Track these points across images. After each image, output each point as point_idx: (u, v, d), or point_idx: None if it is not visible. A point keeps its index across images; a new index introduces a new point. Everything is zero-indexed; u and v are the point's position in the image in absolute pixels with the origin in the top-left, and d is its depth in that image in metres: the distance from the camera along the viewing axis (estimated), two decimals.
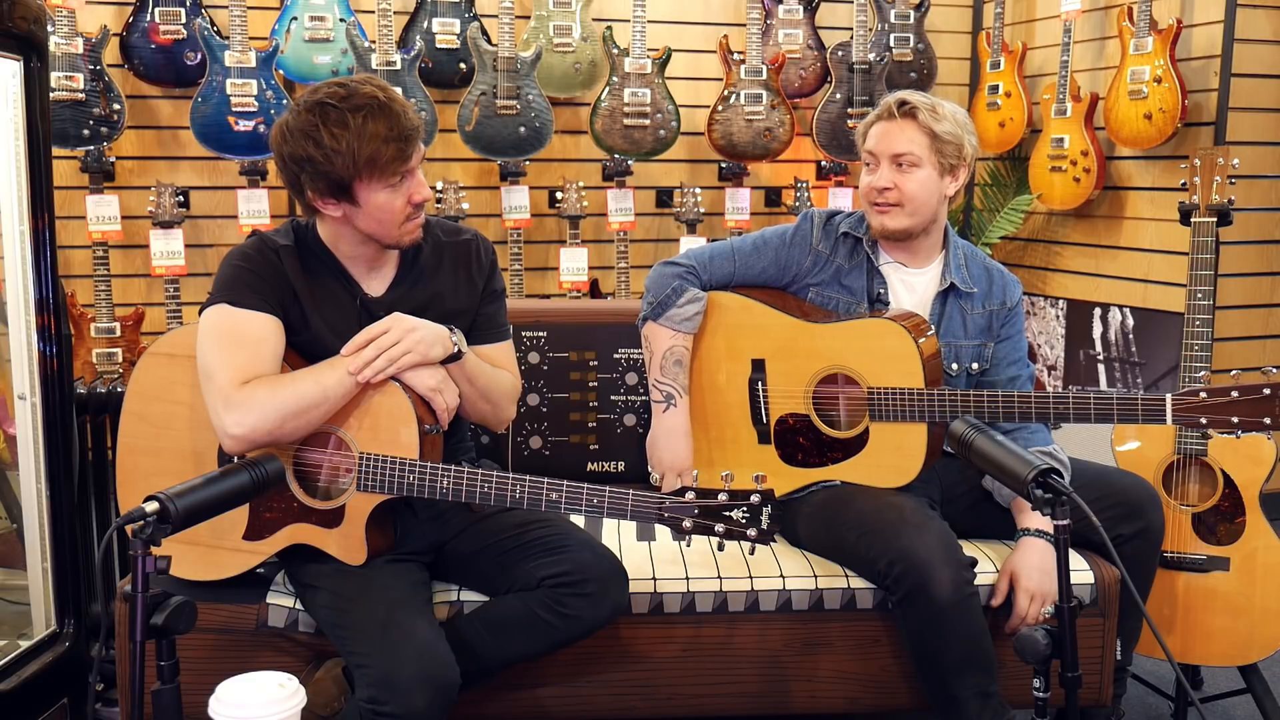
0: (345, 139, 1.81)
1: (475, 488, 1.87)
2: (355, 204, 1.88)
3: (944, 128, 2.23)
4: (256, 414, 1.82)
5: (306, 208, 1.94)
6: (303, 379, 1.86)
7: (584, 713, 2.13)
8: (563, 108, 4.32)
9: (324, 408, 1.86)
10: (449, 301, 2.05)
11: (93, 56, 3.76)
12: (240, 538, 1.96)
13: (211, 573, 2.00)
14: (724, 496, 1.79)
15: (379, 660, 1.78)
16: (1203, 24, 3.79)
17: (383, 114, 1.83)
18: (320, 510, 1.93)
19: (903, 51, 4.48)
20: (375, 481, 1.89)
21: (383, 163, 1.83)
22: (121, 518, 1.47)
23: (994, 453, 1.70)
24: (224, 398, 1.84)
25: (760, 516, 1.78)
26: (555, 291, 4.36)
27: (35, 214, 2.17)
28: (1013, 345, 2.36)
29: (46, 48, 2.17)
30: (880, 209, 2.27)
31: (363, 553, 1.92)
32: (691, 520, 1.80)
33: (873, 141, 2.28)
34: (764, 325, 2.31)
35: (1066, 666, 1.60)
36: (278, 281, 1.94)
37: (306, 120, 1.83)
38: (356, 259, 2.00)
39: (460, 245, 2.09)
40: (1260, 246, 3.89)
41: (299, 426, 1.86)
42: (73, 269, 3.99)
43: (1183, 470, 2.49)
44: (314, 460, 1.94)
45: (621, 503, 1.84)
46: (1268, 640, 2.44)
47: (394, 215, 1.90)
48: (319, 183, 1.86)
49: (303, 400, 1.84)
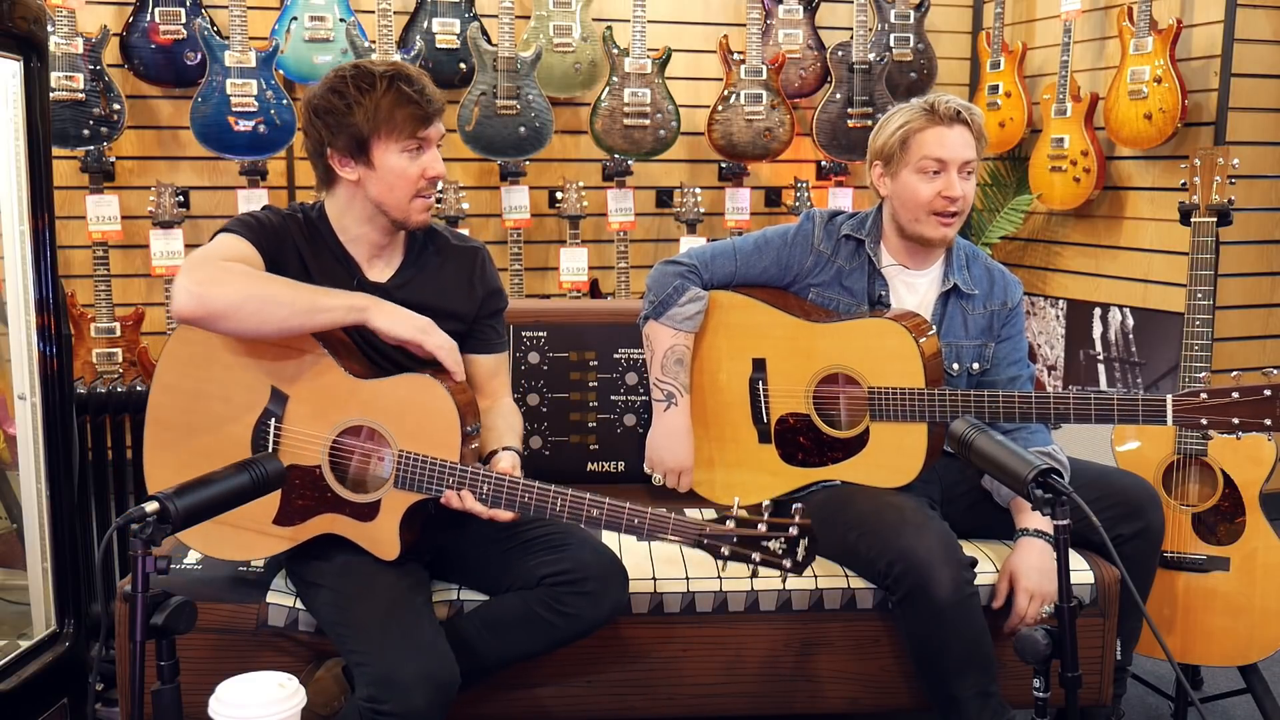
0: (369, 94, 1.89)
1: (516, 497, 1.87)
2: (370, 165, 1.91)
3: (982, 131, 2.25)
4: (225, 280, 1.82)
5: (323, 176, 1.98)
6: (277, 277, 1.89)
7: (584, 713, 2.13)
8: (563, 108, 4.32)
9: (286, 311, 1.83)
10: (446, 302, 2.05)
11: (93, 56, 3.76)
12: (270, 521, 1.95)
13: (239, 553, 2.01)
14: (763, 527, 1.80)
15: (379, 659, 1.78)
16: (1203, 24, 3.79)
17: (406, 80, 1.91)
18: (355, 503, 1.93)
19: (903, 51, 4.48)
20: (413, 480, 1.89)
21: (400, 121, 1.89)
22: (121, 517, 1.47)
23: (994, 453, 1.70)
24: (194, 261, 1.86)
25: (797, 548, 1.79)
26: (555, 291, 4.36)
27: (35, 214, 2.17)
28: (1013, 345, 2.36)
29: (46, 48, 2.17)
30: (946, 221, 2.23)
31: (395, 548, 1.91)
32: (730, 548, 1.81)
33: (943, 149, 2.20)
34: (765, 324, 2.31)
35: (1066, 666, 1.60)
36: (280, 233, 1.97)
37: (336, 79, 1.93)
38: (360, 241, 2.00)
39: (467, 252, 2.12)
40: (1260, 246, 3.89)
41: (253, 316, 1.82)
42: (73, 269, 4.00)
43: (1183, 470, 2.49)
44: (348, 451, 1.93)
45: (662, 525, 1.84)
46: (1268, 640, 2.44)
47: (407, 183, 1.93)
48: (339, 138, 1.90)
49: (271, 292, 1.83)
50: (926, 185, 2.21)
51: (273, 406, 1.95)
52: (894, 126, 2.25)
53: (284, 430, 1.94)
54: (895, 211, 2.29)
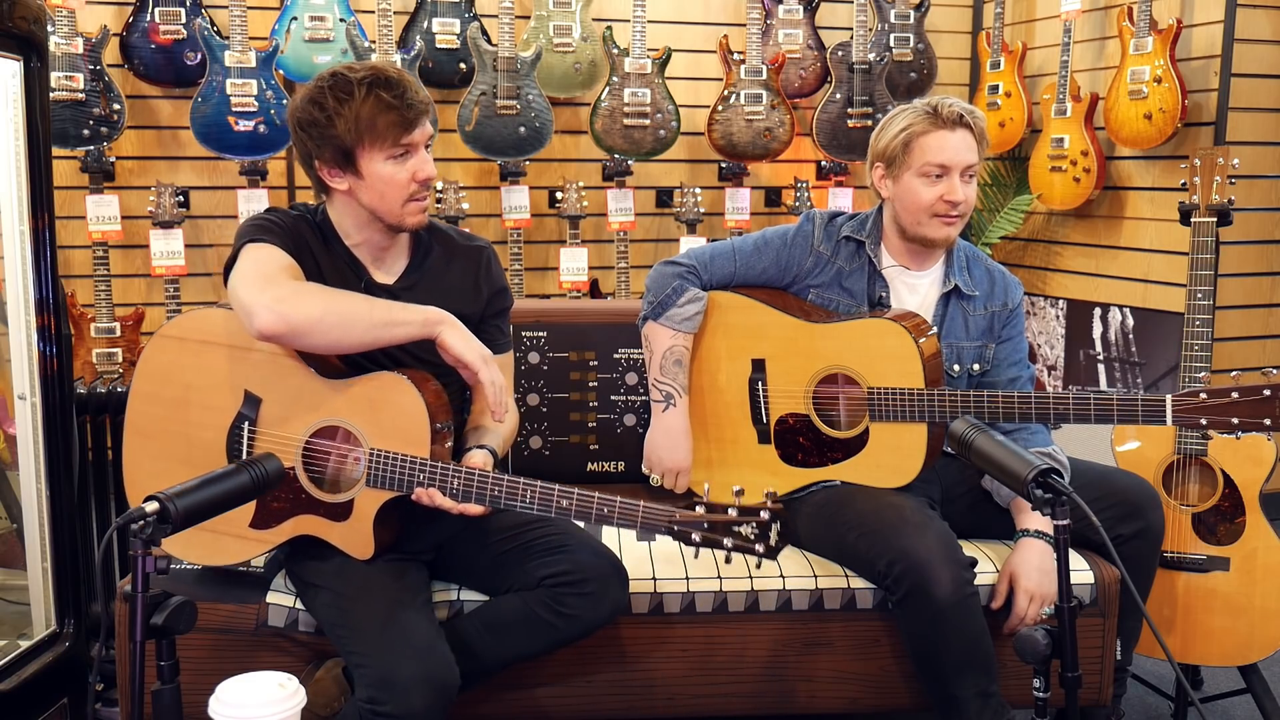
0: (348, 104, 1.85)
1: (486, 490, 1.87)
2: (359, 175, 1.90)
3: (984, 133, 2.24)
4: (301, 296, 1.80)
5: (317, 185, 1.97)
6: (350, 294, 1.88)
7: (584, 713, 2.13)
8: (563, 108, 4.32)
9: (364, 325, 1.82)
10: (452, 303, 2.04)
11: (93, 56, 3.76)
12: (247, 525, 1.96)
13: (216, 558, 2.01)
14: (733, 512, 1.79)
15: (378, 660, 1.78)
16: (1203, 24, 3.79)
17: (386, 85, 1.87)
18: (328, 503, 1.93)
19: (903, 51, 4.48)
20: (385, 478, 1.89)
21: (382, 128, 1.86)
22: (121, 517, 1.47)
23: (994, 453, 1.70)
24: (264, 280, 1.81)
25: (769, 533, 1.78)
26: (555, 291, 4.36)
27: (35, 214, 2.17)
28: (1013, 346, 2.36)
29: (46, 48, 2.17)
30: (950, 221, 2.23)
31: (370, 548, 1.92)
32: (701, 534, 1.80)
33: (946, 154, 2.20)
34: (764, 325, 2.31)
35: (1066, 666, 1.60)
36: (297, 235, 1.97)
37: (315, 88, 1.89)
38: (363, 245, 2.01)
39: (472, 250, 2.11)
40: (1260, 246, 3.89)
41: (334, 329, 1.81)
42: (73, 269, 3.99)
43: (1183, 470, 2.49)
44: (322, 452, 1.94)
45: (631, 513, 1.83)
46: (1268, 640, 2.44)
47: (397, 190, 1.91)
48: (325, 150, 1.89)
49: (348, 307, 1.83)
50: (929, 189, 2.21)
51: (246, 410, 1.95)
52: (896, 129, 2.24)
53: (258, 433, 1.95)
54: (897, 214, 2.29)
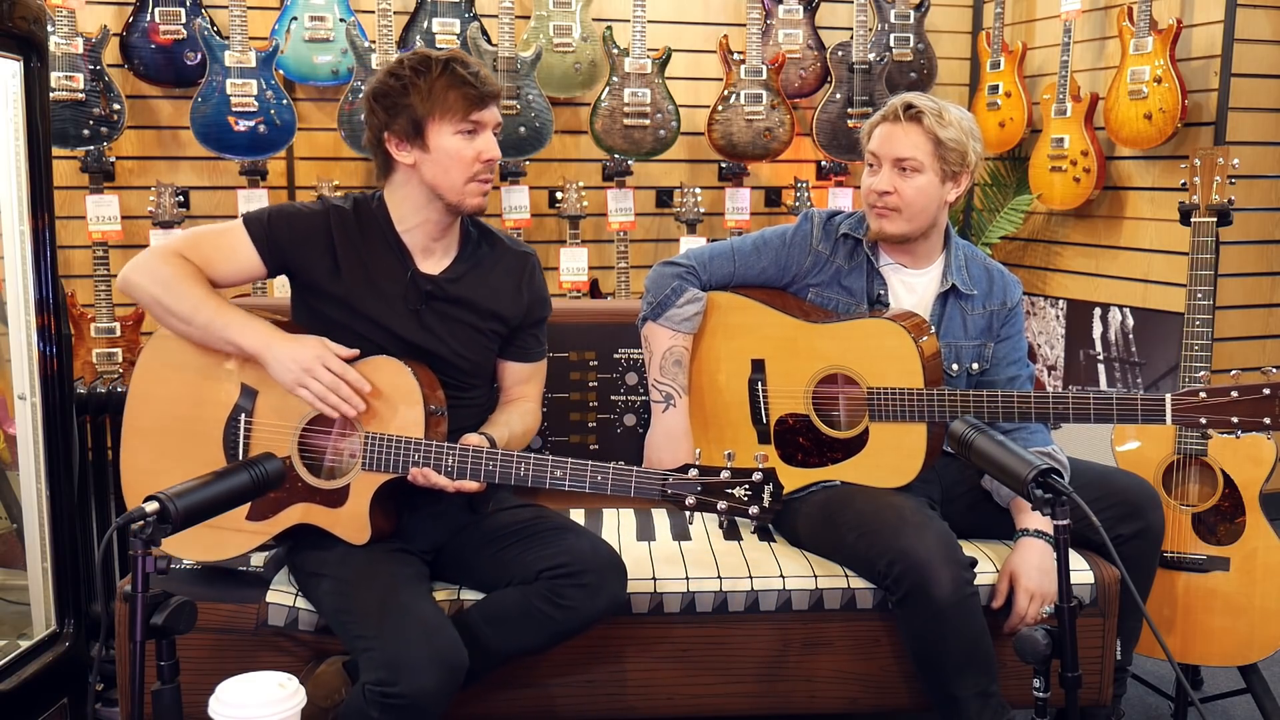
0: (424, 76, 1.94)
1: (480, 466, 1.89)
2: (425, 148, 1.96)
3: (949, 134, 2.20)
4: (150, 278, 1.95)
5: (382, 165, 2.03)
6: (198, 295, 1.96)
7: (584, 712, 2.13)
8: (563, 108, 4.32)
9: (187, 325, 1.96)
10: (493, 302, 2.08)
11: (93, 56, 3.76)
12: (244, 518, 1.97)
13: (214, 554, 2.01)
14: (726, 474, 1.81)
15: (385, 641, 1.78)
16: (1203, 24, 3.79)
17: (461, 64, 1.96)
18: (325, 490, 1.94)
19: (903, 51, 4.48)
20: (380, 460, 1.91)
21: (453, 102, 1.94)
22: (121, 517, 1.47)
23: (994, 453, 1.70)
24: (157, 249, 1.99)
25: (762, 494, 1.79)
26: (555, 291, 4.34)
27: (35, 214, 2.17)
28: (1013, 345, 2.36)
29: (46, 48, 2.17)
30: (879, 212, 2.26)
31: (366, 532, 1.93)
32: (695, 497, 1.82)
33: (876, 143, 2.26)
34: (764, 325, 2.31)
35: (1066, 666, 1.60)
36: (309, 232, 2.01)
37: (394, 64, 1.99)
38: (416, 231, 2.03)
39: (519, 256, 2.15)
40: (1260, 246, 3.89)
41: (164, 316, 1.97)
42: (73, 269, 4.00)
43: (1183, 470, 2.49)
44: (319, 442, 1.94)
45: (625, 480, 1.86)
46: (1268, 640, 2.44)
47: (461, 166, 1.96)
48: (396, 121, 1.95)
49: (182, 303, 1.95)
50: (867, 178, 2.29)
51: (243, 402, 1.98)
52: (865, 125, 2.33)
53: (254, 424, 1.97)
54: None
